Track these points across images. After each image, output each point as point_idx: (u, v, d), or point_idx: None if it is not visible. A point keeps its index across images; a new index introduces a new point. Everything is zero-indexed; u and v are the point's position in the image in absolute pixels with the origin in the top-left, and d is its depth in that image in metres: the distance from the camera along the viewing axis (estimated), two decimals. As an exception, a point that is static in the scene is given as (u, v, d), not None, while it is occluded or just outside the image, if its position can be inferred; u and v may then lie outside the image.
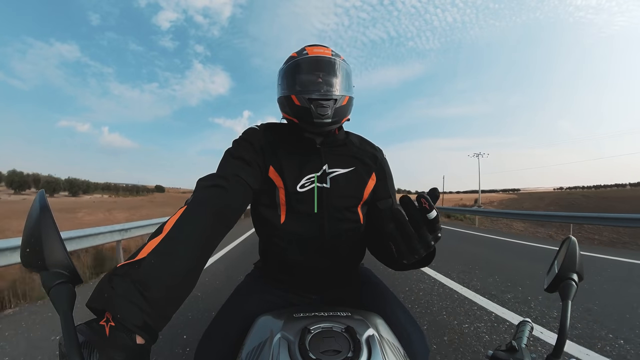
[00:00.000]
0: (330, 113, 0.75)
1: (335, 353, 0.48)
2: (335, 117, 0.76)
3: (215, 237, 0.60)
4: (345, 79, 0.81)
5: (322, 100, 0.74)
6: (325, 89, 0.77)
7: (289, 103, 0.78)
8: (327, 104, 0.74)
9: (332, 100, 0.75)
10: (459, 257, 4.82)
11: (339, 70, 0.79)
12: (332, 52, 0.81)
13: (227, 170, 0.71)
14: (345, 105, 0.78)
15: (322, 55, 0.79)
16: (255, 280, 0.89)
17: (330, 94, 0.76)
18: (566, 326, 0.49)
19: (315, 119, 0.74)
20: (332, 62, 0.79)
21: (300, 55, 0.80)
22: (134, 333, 0.41)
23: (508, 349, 0.51)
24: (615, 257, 4.92)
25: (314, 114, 0.74)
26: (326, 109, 0.74)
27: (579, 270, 0.55)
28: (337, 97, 0.76)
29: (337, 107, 0.76)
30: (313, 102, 0.74)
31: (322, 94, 0.75)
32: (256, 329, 0.63)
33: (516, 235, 8.61)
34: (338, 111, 0.76)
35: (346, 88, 0.80)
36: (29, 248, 0.39)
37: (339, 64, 0.80)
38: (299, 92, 0.76)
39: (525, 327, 0.58)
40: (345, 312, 0.63)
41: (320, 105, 0.74)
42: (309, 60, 0.79)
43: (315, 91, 0.76)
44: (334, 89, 0.77)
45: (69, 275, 0.40)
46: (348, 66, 0.82)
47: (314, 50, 0.80)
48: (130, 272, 0.44)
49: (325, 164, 0.80)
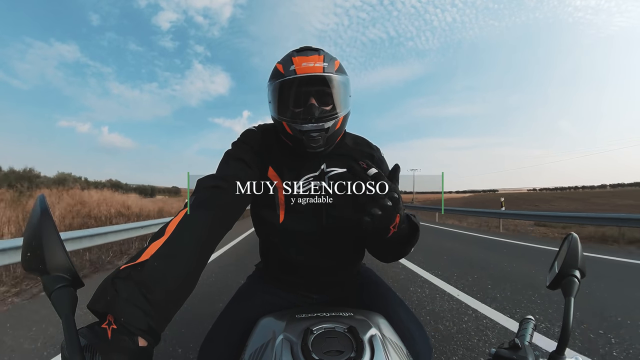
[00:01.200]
0: (323, 142, 0.74)
1: (338, 353, 0.48)
2: (328, 144, 0.75)
3: (215, 238, 0.60)
4: (341, 94, 0.75)
5: (314, 131, 0.72)
6: (316, 115, 0.71)
7: (281, 128, 0.76)
8: (318, 135, 0.72)
9: (323, 131, 0.72)
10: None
11: (333, 88, 0.73)
12: (324, 64, 0.72)
13: (226, 171, 0.72)
14: (339, 128, 0.76)
15: (312, 73, 0.71)
16: (257, 282, 0.89)
17: (322, 123, 0.72)
18: (569, 323, 0.48)
19: (308, 149, 0.74)
20: (324, 79, 0.72)
21: (286, 72, 0.72)
22: (136, 336, 0.41)
23: (511, 346, 0.51)
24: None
25: (306, 144, 0.73)
26: (318, 140, 0.73)
27: (581, 267, 0.55)
28: (329, 125, 0.73)
29: (329, 135, 0.74)
30: (305, 134, 0.72)
31: (312, 125, 0.71)
32: (258, 330, 0.63)
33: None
34: (331, 137, 0.75)
35: (341, 105, 0.75)
36: (29, 252, 0.39)
37: (333, 80, 0.73)
38: (290, 121, 0.73)
39: (528, 325, 0.58)
40: (348, 312, 0.63)
41: (312, 138, 0.72)
42: (297, 81, 0.71)
43: (305, 122, 0.71)
44: (326, 113, 0.73)
45: (70, 278, 0.40)
46: (344, 76, 0.76)
47: (302, 66, 0.71)
48: (133, 275, 0.44)
49: (323, 164, 0.80)
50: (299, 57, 0.73)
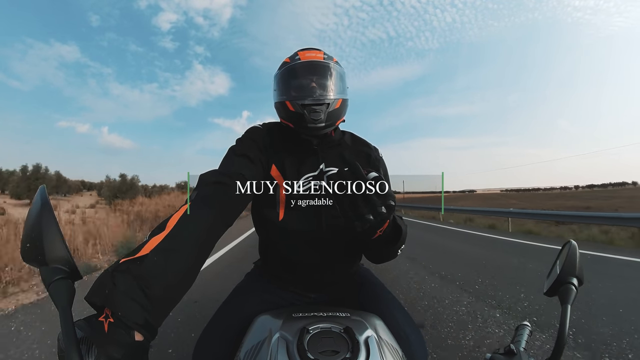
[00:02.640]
0: (324, 117, 0.76)
1: (333, 353, 0.48)
2: (328, 121, 0.77)
3: (215, 235, 0.60)
4: (338, 81, 0.81)
5: (315, 105, 0.75)
6: (318, 93, 0.77)
7: (283, 108, 0.79)
8: (319, 108, 0.75)
9: (324, 105, 0.76)
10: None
11: (332, 74, 0.80)
12: (325, 56, 0.82)
13: (230, 167, 0.72)
14: (338, 108, 0.79)
15: (314, 59, 0.80)
16: (255, 280, 0.89)
17: (323, 98, 0.76)
18: (565, 330, 0.48)
19: (309, 123, 0.75)
20: (324, 65, 0.80)
21: (292, 61, 0.81)
22: (133, 330, 0.41)
23: (506, 352, 0.51)
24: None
25: (307, 119, 0.75)
26: (319, 114, 0.75)
27: (579, 275, 0.55)
28: (329, 101, 0.77)
29: (330, 111, 0.77)
30: (306, 108, 0.75)
31: (314, 99, 0.76)
32: (255, 328, 0.63)
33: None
34: (331, 115, 0.78)
35: (339, 90, 0.81)
36: (29, 243, 0.39)
37: (331, 67, 0.80)
38: (292, 98, 0.77)
39: (523, 331, 0.58)
40: (344, 313, 0.63)
41: (313, 111, 0.75)
42: (301, 65, 0.80)
43: (307, 96, 0.76)
44: (326, 93, 0.78)
45: (69, 271, 0.40)
46: (341, 68, 0.83)
47: (305, 55, 0.81)
48: (132, 269, 0.44)
49: (322, 164, 0.80)
50: (304, 51, 0.84)
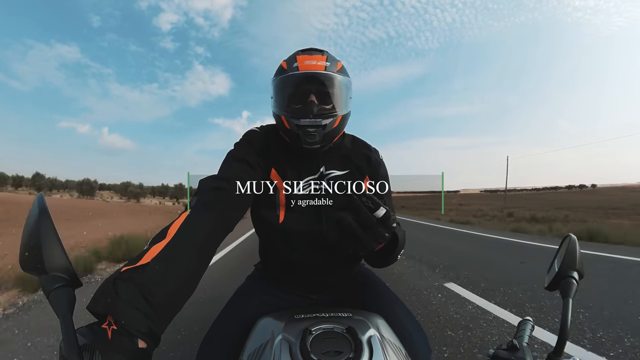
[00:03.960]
0: (319, 139, 0.72)
1: (336, 354, 0.48)
2: (324, 142, 0.74)
3: (216, 240, 0.60)
4: (341, 94, 0.75)
5: (311, 127, 0.71)
6: (315, 112, 0.71)
7: (279, 122, 0.77)
8: (315, 131, 0.71)
9: (320, 127, 0.71)
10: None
11: (332, 87, 0.73)
12: (327, 64, 0.73)
13: (228, 172, 0.71)
14: (337, 127, 0.75)
15: (314, 70, 0.72)
16: (256, 282, 0.89)
17: (319, 120, 0.71)
18: (567, 324, 0.48)
19: (304, 144, 0.73)
20: (326, 78, 0.72)
21: (289, 68, 0.74)
22: (136, 337, 0.41)
23: (509, 347, 0.51)
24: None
25: (302, 139, 0.72)
26: (314, 136, 0.71)
27: (579, 268, 0.55)
28: (327, 122, 0.72)
29: (326, 132, 0.73)
30: (301, 129, 0.71)
31: (310, 120, 0.71)
32: (257, 330, 0.63)
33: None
34: (328, 135, 0.74)
35: (341, 106, 0.75)
36: (27, 252, 0.39)
37: (334, 79, 0.73)
38: (288, 115, 0.73)
39: (526, 326, 0.58)
40: (346, 313, 0.63)
41: (308, 133, 0.71)
42: (299, 77, 0.72)
43: (303, 117, 0.71)
44: (325, 111, 0.73)
45: (69, 278, 0.40)
46: (345, 78, 0.76)
47: (305, 63, 0.73)
48: (134, 277, 0.44)
49: (322, 167, 0.80)
50: (303, 55, 0.75)
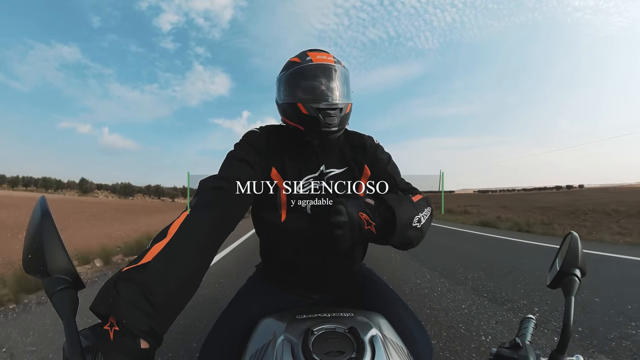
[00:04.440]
0: (337, 121, 0.76)
1: (339, 354, 0.48)
2: (340, 125, 0.78)
3: (217, 240, 0.60)
4: (347, 85, 0.82)
5: (330, 109, 0.75)
6: (332, 97, 0.77)
7: (294, 111, 0.77)
8: (334, 113, 0.75)
9: (338, 109, 0.76)
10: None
11: (342, 78, 0.80)
12: (334, 59, 0.81)
13: (229, 172, 0.72)
14: (348, 112, 0.80)
15: (327, 62, 0.79)
16: (257, 283, 0.89)
17: (337, 102, 0.76)
18: (570, 322, 0.48)
19: (323, 127, 0.75)
20: (336, 69, 0.79)
21: (303, 62, 0.79)
22: (138, 338, 0.41)
23: (512, 345, 0.50)
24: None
25: (322, 122, 0.74)
26: (333, 118, 0.75)
27: (581, 266, 0.55)
28: (342, 106, 0.77)
29: (342, 115, 0.77)
30: (321, 112, 0.74)
31: (329, 103, 0.75)
32: (259, 331, 0.63)
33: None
34: (343, 119, 0.78)
35: (348, 95, 0.81)
36: (30, 254, 0.39)
37: (342, 71, 0.80)
38: (306, 101, 0.76)
39: (529, 324, 0.58)
40: (348, 313, 0.63)
41: (328, 115, 0.74)
42: (314, 67, 0.78)
43: (322, 100, 0.76)
44: (339, 97, 0.78)
45: (71, 280, 0.40)
46: (348, 72, 0.83)
47: (317, 57, 0.79)
48: (135, 277, 0.44)
49: (322, 165, 0.81)
50: (314, 52, 0.82)
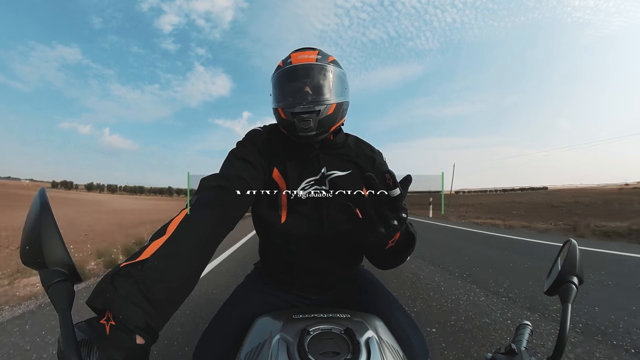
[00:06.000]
0: (314, 126, 0.72)
1: (334, 355, 0.48)
2: (320, 128, 0.74)
3: (216, 238, 0.60)
4: (335, 83, 0.77)
5: (304, 113, 0.72)
6: (308, 100, 0.73)
7: (277, 115, 0.78)
8: (309, 117, 0.72)
9: (314, 113, 0.72)
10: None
11: (325, 76, 0.76)
12: (318, 56, 0.77)
13: (230, 171, 0.72)
14: (332, 113, 0.75)
15: (305, 62, 0.75)
16: (255, 281, 0.89)
17: (312, 106, 0.72)
18: (566, 329, 0.48)
19: (299, 132, 0.73)
20: (316, 67, 0.75)
21: (284, 64, 0.78)
22: (134, 333, 0.41)
23: (507, 351, 0.50)
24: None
25: (297, 127, 0.72)
26: (308, 122, 0.72)
27: (579, 274, 0.55)
28: (320, 108, 0.73)
29: (321, 119, 0.73)
30: (296, 117, 0.72)
31: (303, 107, 0.72)
32: (255, 329, 0.63)
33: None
34: (323, 122, 0.74)
35: (336, 93, 0.77)
36: (28, 246, 0.39)
37: (325, 69, 0.76)
38: (284, 106, 0.75)
39: (524, 330, 0.58)
40: (345, 314, 0.63)
41: (302, 119, 0.72)
42: (292, 69, 0.76)
43: (296, 104, 0.73)
44: (318, 98, 0.74)
45: (68, 273, 0.40)
46: (338, 69, 0.79)
47: (297, 57, 0.77)
48: (133, 273, 0.44)
49: (323, 167, 0.80)
50: (297, 52, 0.80)
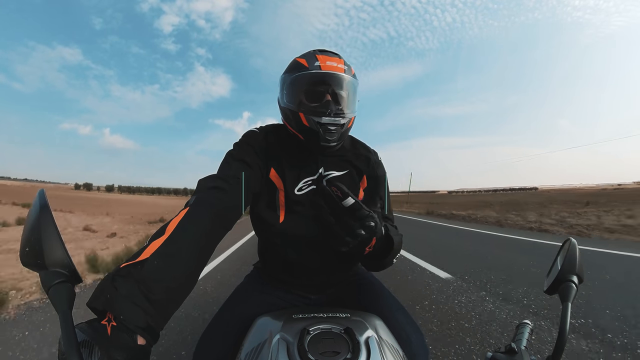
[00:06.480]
0: (337, 137, 0.74)
1: (334, 354, 0.48)
2: (340, 140, 0.76)
3: (215, 238, 0.60)
4: (354, 97, 0.78)
5: (332, 124, 0.72)
6: (335, 112, 0.73)
7: (295, 119, 0.76)
8: (335, 129, 0.73)
9: (339, 125, 0.74)
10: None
11: (351, 89, 0.77)
12: (345, 67, 0.76)
13: (228, 171, 0.72)
14: (350, 126, 0.78)
15: (336, 71, 0.74)
16: (255, 281, 0.89)
17: (339, 119, 0.73)
18: (566, 328, 0.48)
19: (322, 142, 0.73)
20: (346, 80, 0.75)
21: (311, 67, 0.74)
22: (135, 334, 0.41)
23: (507, 350, 0.50)
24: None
25: (321, 137, 0.73)
26: (334, 134, 0.73)
27: (579, 272, 0.55)
28: (345, 121, 0.74)
29: (342, 131, 0.75)
30: (322, 126, 0.72)
31: (331, 119, 0.72)
32: (255, 329, 0.63)
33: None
34: (343, 134, 0.76)
35: (353, 107, 0.78)
36: (28, 247, 0.39)
37: (351, 82, 0.77)
38: (307, 112, 0.73)
39: (524, 329, 0.58)
40: (345, 314, 0.63)
41: (328, 131, 0.72)
42: (322, 76, 0.74)
43: (324, 114, 0.72)
44: (343, 111, 0.75)
45: (69, 274, 0.40)
46: (357, 82, 0.80)
47: (326, 63, 0.74)
48: (133, 273, 0.44)
49: (321, 168, 0.81)
50: (324, 56, 0.77)
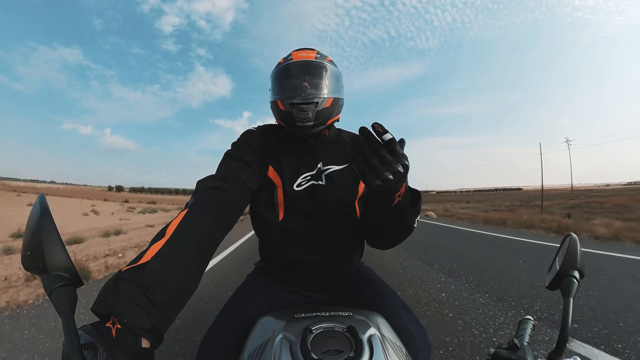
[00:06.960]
0: (312, 116, 0.75)
1: (337, 353, 0.48)
2: (317, 120, 0.77)
3: (216, 238, 0.60)
4: (331, 80, 0.81)
5: (303, 104, 0.75)
6: (307, 92, 0.77)
7: (275, 108, 0.80)
8: (307, 107, 0.75)
9: (313, 104, 0.75)
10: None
11: (323, 73, 0.80)
12: (317, 55, 0.82)
13: (226, 171, 0.72)
14: (329, 107, 0.79)
15: (305, 59, 0.80)
16: (256, 281, 0.89)
17: (312, 97, 0.76)
18: (568, 323, 0.48)
19: (297, 122, 0.75)
20: (315, 64, 0.80)
21: (285, 61, 0.82)
22: (139, 336, 0.41)
23: (510, 346, 0.51)
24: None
25: (296, 117, 0.75)
26: (307, 112, 0.75)
27: (580, 268, 0.55)
28: (318, 100, 0.76)
29: (319, 110, 0.76)
30: (295, 107, 0.75)
31: (302, 97, 0.76)
32: (258, 329, 0.63)
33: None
34: (320, 114, 0.77)
35: (332, 90, 0.80)
36: (29, 251, 0.39)
37: (323, 65, 0.80)
38: (283, 98, 0.78)
39: (527, 325, 0.58)
40: (347, 312, 0.63)
41: (301, 110, 0.75)
42: (293, 65, 0.80)
43: (296, 96, 0.77)
44: (316, 91, 0.78)
45: (70, 277, 0.40)
46: (335, 67, 0.83)
47: (298, 55, 0.82)
48: (134, 276, 0.44)
49: (319, 162, 0.81)
50: (297, 51, 0.84)
